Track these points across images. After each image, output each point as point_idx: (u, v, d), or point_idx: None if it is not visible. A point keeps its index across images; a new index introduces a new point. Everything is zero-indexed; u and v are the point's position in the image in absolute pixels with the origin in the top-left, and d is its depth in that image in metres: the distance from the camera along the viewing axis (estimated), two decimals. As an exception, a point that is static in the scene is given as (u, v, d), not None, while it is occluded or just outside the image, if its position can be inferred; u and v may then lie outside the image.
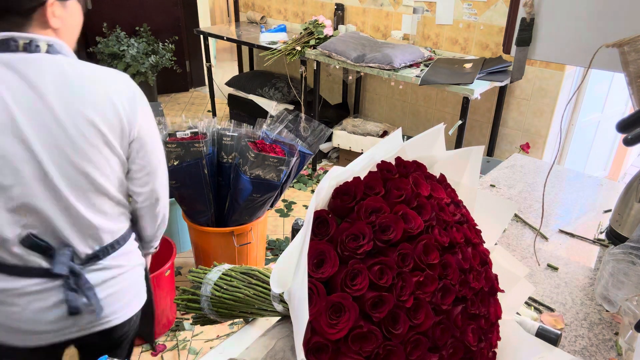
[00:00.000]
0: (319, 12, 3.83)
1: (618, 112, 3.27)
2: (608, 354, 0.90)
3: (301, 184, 3.52)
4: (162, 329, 2.16)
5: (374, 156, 0.65)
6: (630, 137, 0.79)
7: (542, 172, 1.63)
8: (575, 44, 1.00)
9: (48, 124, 0.94)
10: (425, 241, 0.60)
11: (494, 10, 2.91)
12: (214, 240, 2.30)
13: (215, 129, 2.21)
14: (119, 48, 4.41)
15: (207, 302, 0.81)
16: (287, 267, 0.63)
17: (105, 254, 1.11)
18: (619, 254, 1.00)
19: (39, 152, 0.95)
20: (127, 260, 1.17)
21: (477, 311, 0.63)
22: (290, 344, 0.68)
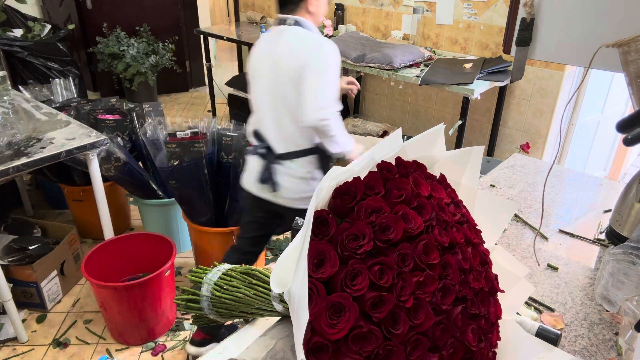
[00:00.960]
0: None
1: (618, 112, 3.27)
2: (608, 354, 0.90)
3: (301, 184, 3.51)
4: (162, 329, 2.16)
5: (374, 156, 0.65)
6: (630, 137, 0.79)
7: (542, 172, 1.63)
8: (575, 44, 1.00)
9: (277, 62, 1.63)
10: (425, 241, 0.60)
11: (494, 10, 2.91)
12: (214, 240, 2.30)
13: (215, 129, 2.21)
14: (119, 48, 4.41)
15: (207, 302, 0.81)
16: (287, 267, 0.63)
17: (291, 157, 1.71)
18: (619, 254, 1.00)
19: (267, 78, 1.67)
20: (308, 167, 1.73)
21: (477, 311, 0.63)
22: (290, 344, 0.68)
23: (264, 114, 1.71)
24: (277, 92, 1.65)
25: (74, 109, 2.46)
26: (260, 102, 1.71)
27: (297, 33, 1.65)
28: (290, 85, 1.61)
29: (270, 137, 1.70)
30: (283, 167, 1.70)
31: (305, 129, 1.64)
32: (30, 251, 2.20)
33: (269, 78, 1.66)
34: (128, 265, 2.28)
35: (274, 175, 1.70)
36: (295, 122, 1.64)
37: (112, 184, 2.59)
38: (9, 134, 2.01)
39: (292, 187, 1.72)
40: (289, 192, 1.73)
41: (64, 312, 2.30)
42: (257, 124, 1.75)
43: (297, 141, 1.68)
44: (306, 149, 1.69)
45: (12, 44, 3.48)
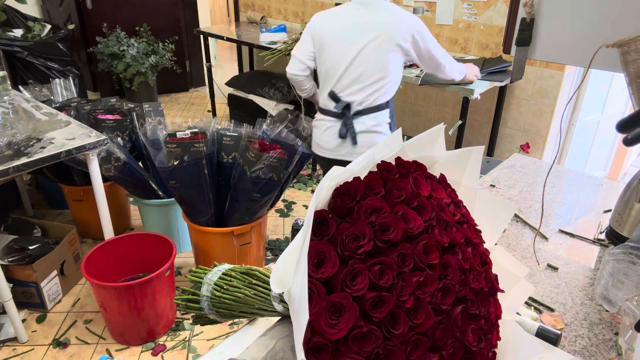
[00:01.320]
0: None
1: (618, 112, 3.27)
2: (608, 354, 0.90)
3: (301, 184, 3.52)
4: (162, 329, 2.16)
5: (374, 156, 0.65)
6: (630, 137, 0.79)
7: (542, 172, 1.63)
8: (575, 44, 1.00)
9: (370, 31, 1.88)
10: (425, 241, 0.59)
11: (494, 10, 2.91)
12: (214, 240, 2.30)
13: (215, 129, 2.21)
14: (119, 48, 4.41)
15: (207, 302, 0.81)
16: (287, 267, 0.63)
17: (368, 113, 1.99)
18: (619, 254, 1.00)
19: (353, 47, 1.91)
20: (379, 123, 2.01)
21: (477, 311, 0.63)
22: (290, 344, 0.68)
23: (345, 76, 1.96)
24: (364, 57, 1.91)
25: (74, 109, 2.46)
26: (343, 66, 1.94)
27: (387, 5, 1.92)
28: (396, 53, 1.91)
29: (352, 97, 1.98)
30: (358, 122, 2.00)
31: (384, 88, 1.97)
32: (30, 251, 2.20)
33: (358, 45, 1.90)
34: (128, 265, 2.28)
35: (352, 130, 2.00)
36: (384, 84, 1.96)
37: (112, 184, 2.59)
38: (9, 134, 2.01)
39: (365, 140, 2.03)
40: (363, 144, 2.03)
41: (64, 312, 2.30)
42: (336, 85, 1.99)
43: (372, 100, 1.98)
44: (379, 104, 2.00)
45: (12, 44, 3.48)
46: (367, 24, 1.90)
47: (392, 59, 1.92)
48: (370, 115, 2.00)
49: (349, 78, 1.95)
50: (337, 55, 1.95)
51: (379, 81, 1.95)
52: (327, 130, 2.05)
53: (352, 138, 1.99)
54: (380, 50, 1.89)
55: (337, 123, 2.01)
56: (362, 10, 1.91)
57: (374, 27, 1.89)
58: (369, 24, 1.89)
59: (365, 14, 1.90)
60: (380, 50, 1.89)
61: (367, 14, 1.90)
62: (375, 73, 1.93)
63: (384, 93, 1.99)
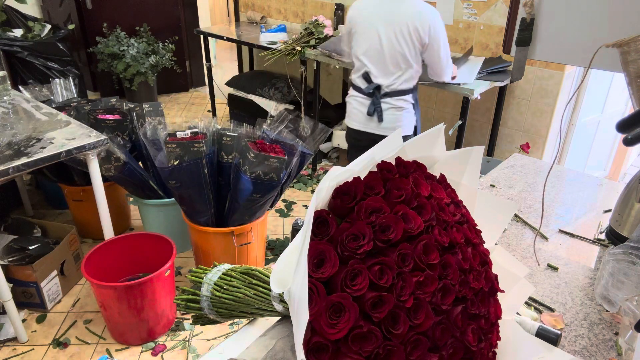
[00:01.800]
0: (319, 12, 3.83)
1: (618, 112, 3.27)
2: (608, 354, 0.90)
3: (301, 184, 3.52)
4: (162, 329, 2.16)
5: (374, 156, 0.65)
6: (630, 137, 0.79)
7: (542, 172, 1.63)
8: (575, 44, 1.00)
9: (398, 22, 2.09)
10: (425, 241, 0.59)
11: (494, 10, 2.91)
12: (214, 240, 2.30)
13: (215, 129, 2.20)
14: (119, 48, 4.41)
15: (207, 302, 0.81)
16: (287, 267, 0.63)
17: (394, 95, 2.23)
18: (619, 254, 1.00)
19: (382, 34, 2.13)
20: (404, 102, 2.25)
21: (477, 311, 0.63)
22: (290, 344, 0.68)
23: (378, 61, 2.19)
24: (392, 46, 2.13)
25: (74, 109, 2.46)
26: (375, 51, 2.18)
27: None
28: (409, 42, 2.11)
29: (381, 80, 2.21)
30: (385, 102, 2.24)
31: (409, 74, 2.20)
32: (30, 251, 2.20)
33: (387, 34, 2.12)
34: (128, 265, 2.28)
35: (379, 109, 2.24)
36: (402, 69, 2.18)
37: (112, 184, 2.59)
38: (9, 134, 2.01)
39: (391, 116, 2.26)
40: (388, 121, 2.26)
41: (64, 312, 2.30)
42: (368, 68, 2.22)
43: (398, 83, 2.21)
44: (404, 89, 2.23)
45: (12, 44, 3.48)
46: (393, 13, 2.10)
47: (415, 49, 2.14)
48: (396, 97, 2.24)
49: (379, 64, 2.19)
50: (368, 42, 2.18)
51: (404, 68, 2.18)
52: (359, 106, 2.31)
53: (378, 116, 2.25)
54: (405, 40, 2.11)
55: (367, 101, 2.27)
56: (389, 1, 2.12)
57: (399, 18, 2.09)
58: (396, 14, 2.09)
59: (393, 4, 2.11)
60: (404, 39, 2.11)
61: (394, 4, 2.11)
62: (401, 61, 2.16)
63: (410, 78, 2.22)
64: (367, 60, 2.22)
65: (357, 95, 2.31)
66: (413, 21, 2.07)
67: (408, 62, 2.17)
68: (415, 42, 2.12)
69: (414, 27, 2.08)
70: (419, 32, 2.09)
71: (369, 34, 2.17)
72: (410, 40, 2.11)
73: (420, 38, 2.10)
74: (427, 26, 2.08)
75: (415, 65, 2.19)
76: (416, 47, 2.13)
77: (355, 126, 2.36)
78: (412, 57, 2.16)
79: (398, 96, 2.24)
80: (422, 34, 2.09)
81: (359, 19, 2.20)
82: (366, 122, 2.31)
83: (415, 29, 2.08)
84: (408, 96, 2.26)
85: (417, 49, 2.14)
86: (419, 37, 2.10)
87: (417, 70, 2.24)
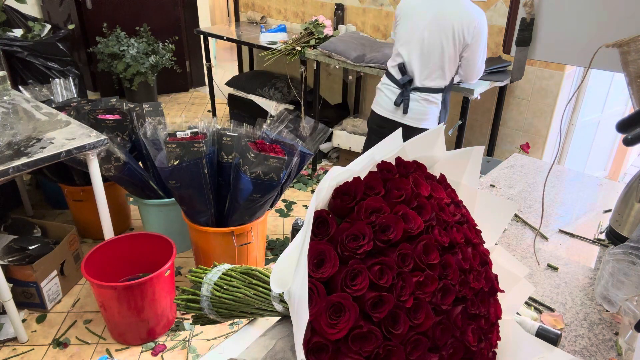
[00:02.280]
0: (319, 12, 3.83)
1: (618, 112, 3.27)
2: (608, 354, 0.90)
3: (301, 184, 3.52)
4: (162, 329, 2.16)
5: (374, 156, 0.65)
6: (630, 137, 0.79)
7: (542, 172, 1.63)
8: (575, 44, 1.00)
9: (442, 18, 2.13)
10: (425, 241, 0.59)
11: (494, 10, 2.91)
12: (214, 240, 2.30)
13: (215, 129, 2.20)
14: (119, 48, 4.40)
15: (207, 302, 0.81)
16: (287, 267, 0.63)
17: (424, 91, 2.28)
18: (619, 254, 1.00)
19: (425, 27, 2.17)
20: (433, 99, 2.30)
21: (477, 311, 0.63)
22: (290, 344, 0.68)
23: (416, 54, 2.23)
24: (436, 42, 2.15)
25: (74, 109, 2.46)
26: (416, 45, 2.21)
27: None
28: (451, 41, 2.14)
29: (415, 73, 2.26)
30: (415, 95, 2.29)
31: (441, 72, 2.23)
32: (30, 251, 2.20)
33: (430, 28, 2.15)
34: (128, 265, 2.28)
35: (407, 101, 2.29)
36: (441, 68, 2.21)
37: (112, 184, 2.59)
38: (9, 134, 2.01)
39: (416, 109, 2.31)
40: (413, 112, 2.31)
41: (64, 312, 2.30)
42: (406, 59, 2.26)
43: (435, 80, 2.26)
44: (435, 87, 2.27)
45: (12, 44, 3.47)
46: (441, 10, 2.12)
47: (455, 48, 2.17)
48: (425, 93, 2.28)
49: (417, 58, 2.23)
50: (409, 35, 2.22)
51: (440, 66, 2.21)
52: (390, 94, 2.36)
53: (404, 107, 2.30)
54: (447, 38, 2.14)
55: (398, 91, 2.32)
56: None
57: (446, 16, 2.11)
58: (443, 12, 2.12)
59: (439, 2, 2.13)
60: (447, 38, 2.14)
61: (440, 2, 2.13)
62: (439, 59, 2.19)
63: (443, 77, 2.26)
64: (406, 52, 2.25)
65: (389, 84, 2.35)
66: (460, 20, 2.10)
67: (445, 60, 2.19)
68: (457, 42, 2.14)
69: (460, 26, 2.10)
70: (463, 32, 2.11)
71: (412, 27, 2.20)
72: (452, 39, 2.13)
73: (464, 38, 2.13)
74: (473, 27, 2.10)
75: (451, 64, 2.22)
76: (457, 46, 2.16)
77: (383, 113, 2.41)
78: (451, 56, 2.18)
79: (428, 93, 2.27)
80: (465, 34, 2.12)
81: (406, 10, 2.23)
82: (394, 110, 2.36)
83: (460, 29, 2.10)
84: (437, 95, 2.29)
85: (458, 48, 2.17)
86: (463, 37, 2.12)
87: (452, 70, 2.26)
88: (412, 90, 2.28)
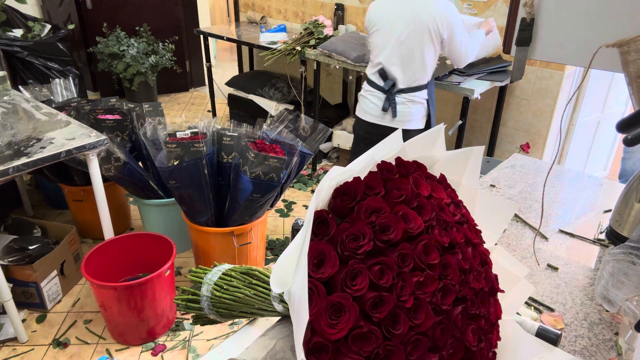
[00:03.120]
0: (319, 12, 3.83)
1: (618, 112, 3.27)
2: (608, 354, 0.90)
3: (301, 184, 3.52)
4: (162, 329, 2.16)
5: (374, 156, 0.65)
6: (630, 137, 0.79)
7: (542, 172, 1.63)
8: (575, 44, 1.00)
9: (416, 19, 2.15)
10: (425, 241, 0.59)
11: (494, 10, 2.91)
12: (214, 240, 2.30)
13: (215, 129, 2.20)
14: (119, 48, 4.41)
15: (207, 302, 0.81)
16: (287, 267, 0.63)
17: (408, 92, 2.30)
18: (619, 254, 1.00)
19: (401, 32, 2.19)
20: (418, 98, 2.32)
21: (477, 311, 0.63)
22: (290, 344, 0.68)
23: (396, 59, 2.26)
24: (414, 43, 2.19)
25: (74, 109, 2.46)
26: (394, 50, 2.24)
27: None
28: (429, 40, 2.18)
29: (397, 77, 2.29)
30: (401, 97, 2.32)
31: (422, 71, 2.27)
32: (30, 251, 2.20)
33: (407, 32, 2.18)
34: (128, 265, 2.28)
35: (394, 105, 2.32)
36: (422, 67, 2.25)
37: (112, 184, 2.59)
38: (9, 134, 2.01)
39: (404, 111, 2.34)
40: (401, 115, 2.34)
41: (64, 312, 2.30)
42: (386, 64, 2.30)
43: (418, 80, 2.29)
44: (418, 85, 2.30)
45: (12, 44, 3.47)
46: (413, 13, 2.16)
47: (434, 46, 2.21)
48: (411, 93, 2.31)
49: (397, 62, 2.27)
50: (386, 41, 2.25)
51: (421, 66, 2.25)
52: (375, 101, 2.37)
53: (392, 111, 2.33)
54: (423, 38, 2.18)
55: (383, 96, 2.34)
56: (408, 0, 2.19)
57: (419, 17, 2.15)
58: (415, 13, 2.16)
59: (411, 3, 2.17)
60: (423, 38, 2.17)
61: (412, 3, 2.17)
62: (419, 59, 2.23)
63: (425, 75, 2.29)
64: (384, 58, 2.29)
65: (373, 91, 2.37)
66: (433, 19, 2.13)
67: (426, 59, 2.23)
68: (435, 40, 2.18)
69: (434, 24, 2.14)
70: (438, 29, 2.15)
71: (387, 34, 2.24)
72: (430, 38, 2.17)
73: (440, 34, 2.17)
74: (447, 22, 2.14)
75: (432, 62, 2.27)
76: (435, 44, 2.20)
77: (369, 119, 2.42)
78: (430, 54, 2.22)
79: (413, 92, 2.31)
80: (441, 30, 2.15)
81: (378, 18, 2.27)
82: (381, 116, 2.38)
83: (435, 27, 2.14)
84: (422, 92, 2.33)
85: (437, 45, 2.21)
86: (439, 33, 2.16)
87: (433, 66, 2.30)
88: (396, 93, 2.31)
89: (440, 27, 2.15)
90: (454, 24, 2.18)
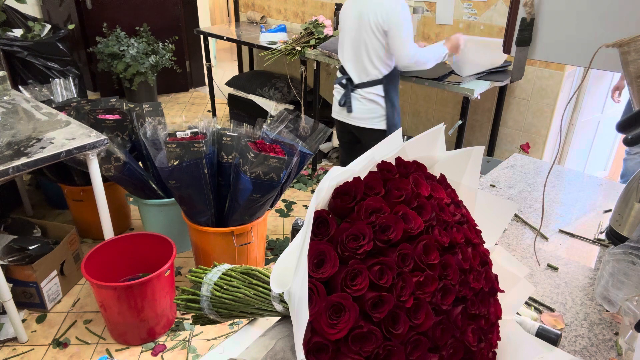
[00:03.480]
0: (319, 12, 3.83)
1: (618, 112, 3.27)
2: (608, 354, 0.90)
3: (301, 184, 3.52)
4: (162, 329, 2.16)
5: (374, 156, 0.65)
6: (630, 137, 0.79)
7: (542, 172, 1.63)
8: (575, 44, 1.00)
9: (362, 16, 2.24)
10: (425, 241, 0.59)
11: (494, 10, 2.91)
12: (214, 240, 2.30)
13: (215, 129, 2.20)
14: (119, 48, 4.41)
15: (207, 302, 0.81)
16: (287, 267, 0.63)
17: (363, 87, 2.38)
18: (619, 254, 1.00)
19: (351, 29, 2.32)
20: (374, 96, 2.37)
21: (477, 311, 0.63)
22: (290, 344, 0.68)
23: (348, 54, 2.38)
24: (360, 38, 2.29)
25: (74, 109, 2.46)
26: (346, 46, 2.38)
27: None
28: (372, 34, 2.24)
29: (350, 72, 2.39)
30: (356, 94, 2.40)
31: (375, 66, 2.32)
32: (30, 251, 2.20)
33: (355, 28, 2.29)
34: (128, 265, 2.28)
35: (349, 100, 2.41)
36: (370, 61, 2.32)
37: (112, 184, 2.59)
38: (9, 134, 2.01)
39: (360, 107, 2.41)
40: (357, 111, 2.42)
41: (64, 312, 2.30)
42: (342, 60, 2.43)
43: (369, 74, 2.35)
44: (375, 79, 2.35)
45: (12, 44, 3.48)
46: (362, 10, 2.25)
47: (378, 39, 2.26)
48: (366, 89, 2.37)
49: (350, 58, 2.37)
50: (342, 38, 2.40)
51: (372, 61, 2.32)
52: (336, 96, 2.51)
53: (347, 107, 2.43)
54: (368, 33, 2.26)
55: (342, 91, 2.45)
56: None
57: (366, 13, 2.23)
58: (363, 10, 2.24)
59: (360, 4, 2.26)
60: (367, 32, 2.26)
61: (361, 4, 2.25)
62: (367, 54, 2.31)
63: (375, 68, 2.33)
64: (340, 55, 2.44)
65: (337, 86, 2.51)
66: (374, 13, 2.21)
67: (371, 52, 2.29)
68: (377, 33, 2.24)
69: (375, 17, 2.21)
70: (379, 22, 2.21)
71: (344, 31, 2.38)
72: (372, 32, 2.24)
73: (381, 27, 2.22)
74: (387, 15, 2.19)
75: (380, 55, 2.30)
76: (378, 37, 2.25)
77: (334, 115, 2.58)
78: (375, 47, 2.28)
79: (368, 87, 2.37)
80: (382, 23, 2.21)
81: (341, 18, 2.41)
82: (339, 111, 2.51)
83: (375, 20, 2.21)
84: (378, 87, 2.37)
85: (380, 39, 2.26)
86: (380, 26, 2.22)
87: (385, 61, 2.32)
88: (353, 88, 2.40)
89: (382, 20, 2.20)
90: (397, 19, 2.20)
